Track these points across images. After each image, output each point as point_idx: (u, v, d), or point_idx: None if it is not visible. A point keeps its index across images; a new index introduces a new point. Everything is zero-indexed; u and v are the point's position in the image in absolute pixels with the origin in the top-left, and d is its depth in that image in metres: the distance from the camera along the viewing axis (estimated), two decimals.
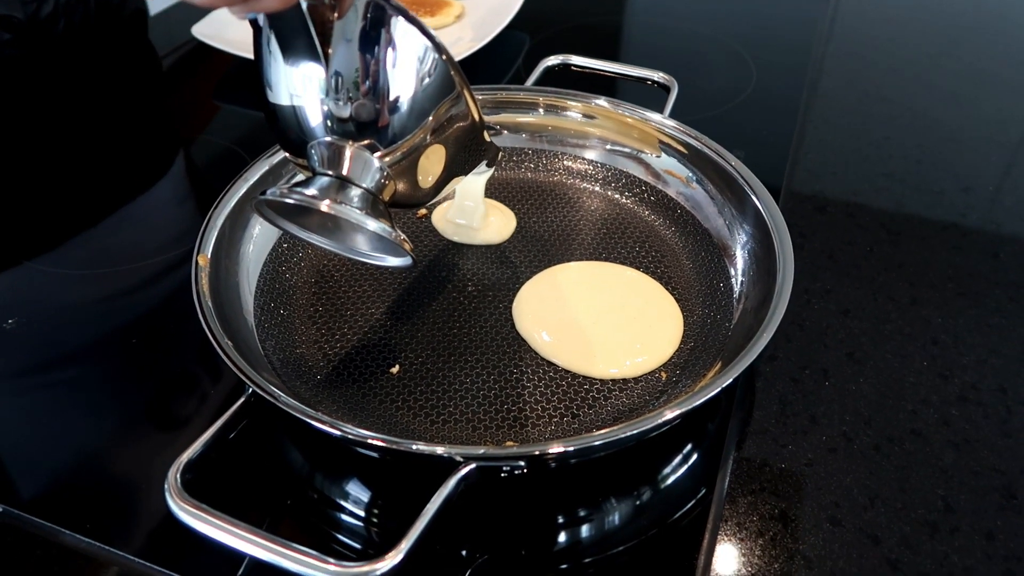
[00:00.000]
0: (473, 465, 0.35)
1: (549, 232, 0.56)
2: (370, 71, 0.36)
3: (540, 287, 0.51)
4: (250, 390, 0.38)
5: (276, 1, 0.34)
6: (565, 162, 0.61)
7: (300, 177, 0.41)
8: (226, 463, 0.40)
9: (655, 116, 0.58)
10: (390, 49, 0.36)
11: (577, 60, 0.68)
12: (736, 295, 0.49)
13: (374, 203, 0.39)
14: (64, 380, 0.48)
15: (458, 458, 0.35)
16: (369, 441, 0.36)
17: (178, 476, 0.34)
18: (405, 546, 0.32)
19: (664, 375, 0.45)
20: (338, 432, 0.36)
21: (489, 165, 0.47)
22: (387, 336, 0.48)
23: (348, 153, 0.38)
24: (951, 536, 0.39)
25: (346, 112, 0.37)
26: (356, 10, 0.36)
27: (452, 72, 0.38)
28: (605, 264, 0.53)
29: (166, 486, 0.34)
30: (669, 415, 0.37)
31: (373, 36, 0.36)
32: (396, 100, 0.37)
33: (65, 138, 0.70)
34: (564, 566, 0.39)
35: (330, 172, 0.38)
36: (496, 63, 0.80)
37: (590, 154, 0.61)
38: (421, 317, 0.49)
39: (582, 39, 0.87)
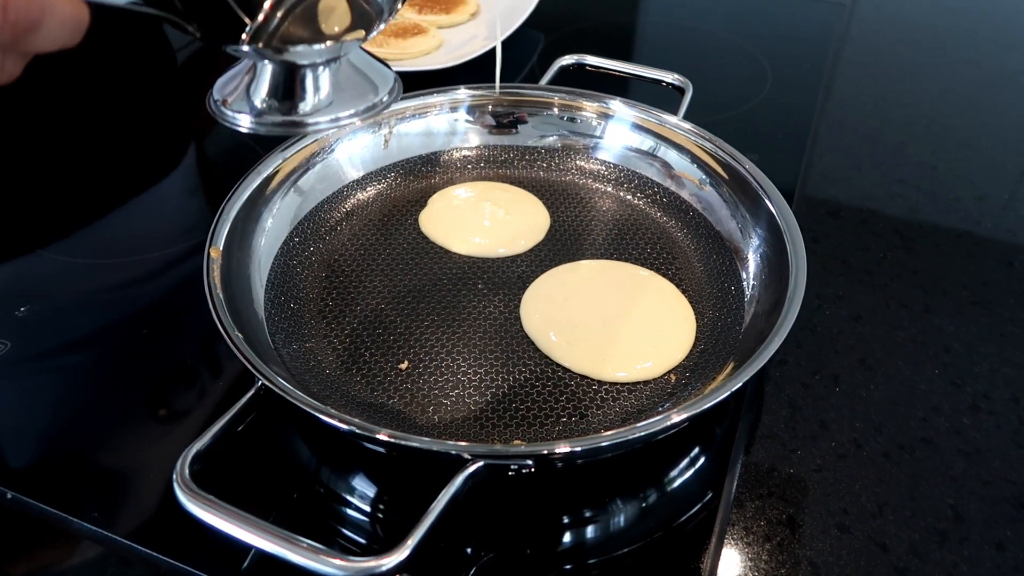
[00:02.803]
0: (481, 463, 0.35)
1: (560, 231, 0.56)
2: None
3: (549, 286, 0.51)
4: (259, 383, 0.38)
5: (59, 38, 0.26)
6: (578, 162, 0.61)
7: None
8: (233, 456, 0.40)
9: (670, 118, 0.58)
10: None
11: (592, 60, 0.68)
12: (747, 298, 0.49)
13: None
14: (74, 368, 0.48)
15: (466, 455, 0.35)
16: (377, 436, 0.36)
17: (186, 467, 0.34)
18: (411, 542, 0.32)
19: (674, 377, 0.45)
20: (346, 427, 0.36)
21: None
22: (396, 332, 0.48)
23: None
24: (960, 545, 0.38)
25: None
26: None
27: None
28: (617, 263, 0.53)
29: (175, 476, 0.34)
30: (677, 418, 0.37)
31: None
32: None
33: (78, 128, 0.70)
34: (569, 566, 0.38)
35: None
36: (511, 62, 0.80)
37: (603, 154, 0.60)
38: (430, 313, 0.49)
39: (597, 39, 0.87)
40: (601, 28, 0.89)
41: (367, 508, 0.41)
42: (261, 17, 0.28)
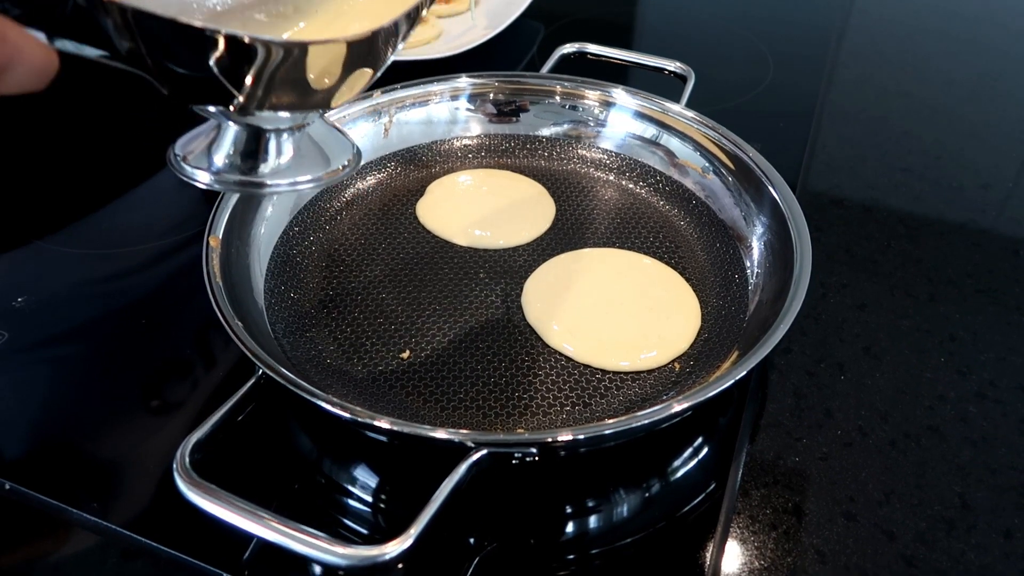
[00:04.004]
0: (484, 451, 0.34)
1: (562, 220, 0.55)
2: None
3: (551, 275, 0.50)
4: (260, 371, 0.38)
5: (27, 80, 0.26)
6: (580, 150, 0.60)
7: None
8: (233, 446, 0.40)
9: (673, 106, 0.57)
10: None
11: (593, 48, 0.67)
12: (751, 286, 0.48)
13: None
14: (72, 358, 0.47)
15: (469, 443, 0.34)
16: (380, 425, 0.35)
17: (187, 456, 0.34)
18: (414, 531, 0.32)
19: (677, 366, 0.45)
20: (348, 415, 0.36)
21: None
22: (398, 321, 0.47)
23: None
24: (968, 534, 0.38)
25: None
26: None
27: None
28: (620, 252, 0.52)
29: (175, 465, 0.33)
30: (680, 407, 0.36)
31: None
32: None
33: (76, 120, 0.70)
34: (572, 556, 0.38)
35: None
36: (510, 52, 0.80)
37: (605, 143, 0.60)
38: (432, 302, 0.49)
39: (597, 29, 0.86)
40: (601, 18, 0.89)
41: (369, 498, 0.40)
42: (240, 88, 0.28)
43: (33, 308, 0.50)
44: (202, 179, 0.32)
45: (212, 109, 0.30)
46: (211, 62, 0.27)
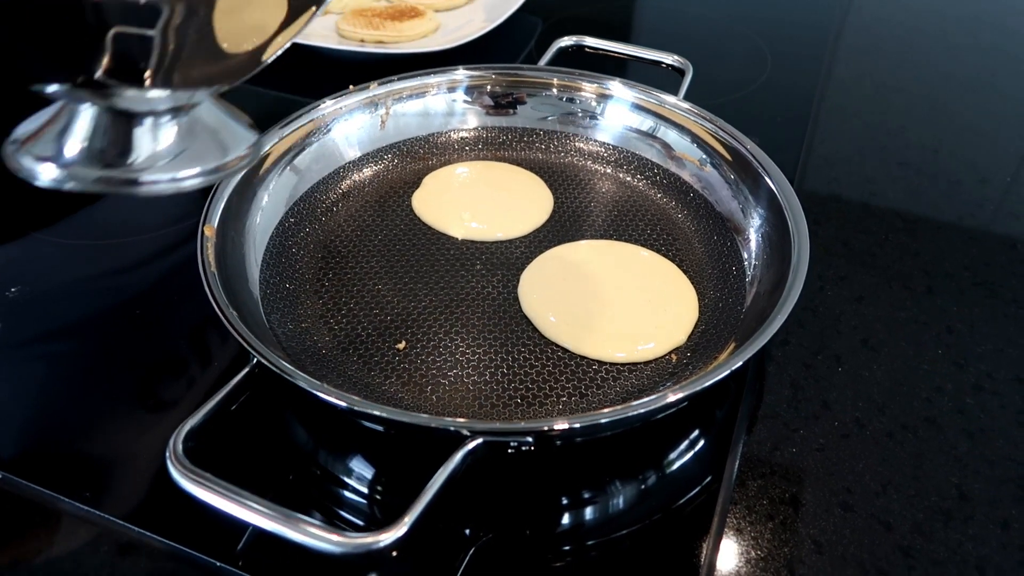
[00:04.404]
0: (480, 440, 0.34)
1: (559, 213, 0.55)
2: None
3: (548, 266, 0.50)
4: (254, 360, 0.37)
5: None
6: (577, 143, 0.60)
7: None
8: (227, 436, 0.40)
9: (670, 98, 0.57)
10: None
11: (591, 41, 0.67)
12: (749, 279, 0.48)
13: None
14: (65, 349, 0.47)
15: (465, 432, 0.34)
16: (375, 414, 0.35)
17: (180, 444, 0.34)
18: (408, 520, 0.31)
19: (674, 357, 0.45)
20: (344, 404, 0.35)
21: None
22: (393, 312, 0.47)
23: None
24: (965, 524, 0.38)
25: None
26: None
27: None
28: (618, 243, 0.52)
29: (168, 453, 0.33)
30: (675, 397, 0.36)
31: None
32: None
33: None
34: (568, 547, 0.38)
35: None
36: (508, 46, 0.79)
37: (602, 135, 0.60)
38: (428, 294, 0.48)
39: (594, 24, 0.86)
40: (599, 14, 0.89)
41: (364, 488, 0.40)
42: (105, 56, 0.20)
43: (27, 298, 0.50)
44: (46, 175, 0.24)
45: (56, 88, 0.23)
46: (48, 19, 0.18)
